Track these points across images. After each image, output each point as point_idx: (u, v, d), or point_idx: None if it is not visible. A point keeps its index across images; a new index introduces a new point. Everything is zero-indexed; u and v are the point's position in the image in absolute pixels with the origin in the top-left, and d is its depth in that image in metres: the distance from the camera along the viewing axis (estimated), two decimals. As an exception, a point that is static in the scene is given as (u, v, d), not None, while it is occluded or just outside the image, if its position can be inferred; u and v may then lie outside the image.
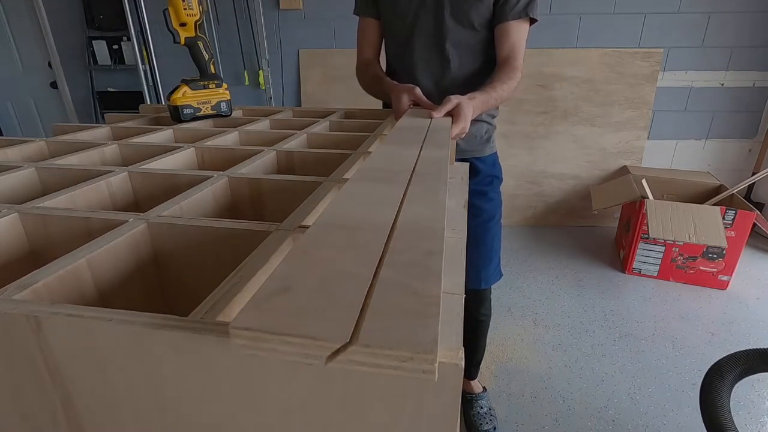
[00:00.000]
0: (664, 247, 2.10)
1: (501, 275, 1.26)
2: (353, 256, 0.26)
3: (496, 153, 1.22)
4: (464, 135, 0.85)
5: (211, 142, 0.81)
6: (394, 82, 1.02)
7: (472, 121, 1.12)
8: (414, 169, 0.44)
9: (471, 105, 0.85)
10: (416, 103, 0.94)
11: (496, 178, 1.20)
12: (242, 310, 0.21)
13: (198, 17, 0.96)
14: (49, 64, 2.76)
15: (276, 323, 0.20)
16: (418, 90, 0.93)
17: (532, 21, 1.02)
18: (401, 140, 0.59)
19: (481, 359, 1.45)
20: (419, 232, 0.29)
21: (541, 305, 1.99)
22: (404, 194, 0.37)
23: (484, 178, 1.17)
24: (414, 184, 0.39)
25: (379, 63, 1.16)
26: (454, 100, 0.83)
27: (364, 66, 1.15)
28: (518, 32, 1.00)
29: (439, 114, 0.80)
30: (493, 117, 1.18)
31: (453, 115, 0.82)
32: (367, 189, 0.38)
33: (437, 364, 0.19)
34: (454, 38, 1.03)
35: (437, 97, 0.95)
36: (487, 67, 1.08)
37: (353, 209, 0.34)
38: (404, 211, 0.33)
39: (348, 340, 0.19)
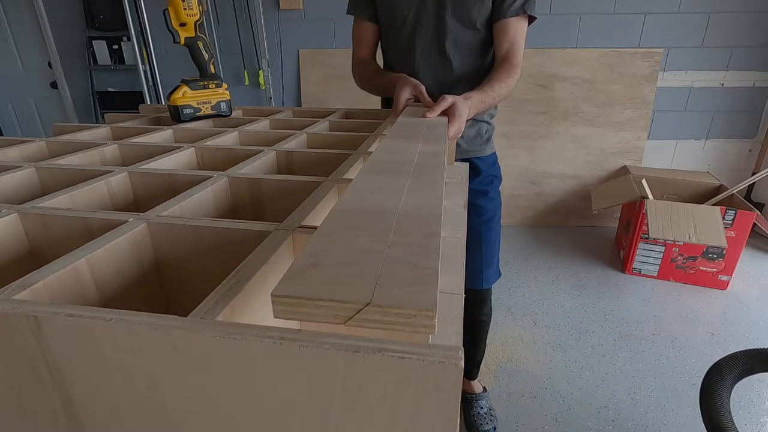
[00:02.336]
0: (664, 247, 2.10)
1: (500, 274, 1.26)
2: (370, 236, 0.30)
3: (495, 153, 1.22)
4: (461, 134, 0.85)
5: (211, 142, 0.81)
6: (400, 73, 1.01)
7: (473, 121, 1.13)
8: (415, 162, 0.49)
9: (466, 104, 0.84)
10: (416, 98, 0.94)
11: (496, 177, 1.21)
12: (281, 282, 0.24)
13: (198, 17, 0.96)
14: (49, 64, 2.76)
15: (310, 291, 0.23)
16: (422, 87, 0.93)
17: (531, 19, 1.02)
18: (403, 135, 0.64)
19: (482, 359, 1.45)
20: (420, 217, 0.33)
21: (541, 305, 1.99)
22: (407, 184, 0.41)
23: (485, 178, 1.18)
24: (415, 175, 0.43)
25: (375, 61, 1.16)
26: (449, 99, 0.82)
27: (362, 64, 1.14)
28: (517, 29, 1.00)
29: (432, 114, 0.80)
30: (492, 117, 1.18)
31: (448, 114, 0.81)
32: (377, 179, 0.43)
33: (436, 320, 0.22)
34: (455, 38, 1.03)
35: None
36: (490, 66, 1.08)
37: (367, 196, 0.38)
38: (408, 199, 0.37)
39: (369, 302, 0.23)
